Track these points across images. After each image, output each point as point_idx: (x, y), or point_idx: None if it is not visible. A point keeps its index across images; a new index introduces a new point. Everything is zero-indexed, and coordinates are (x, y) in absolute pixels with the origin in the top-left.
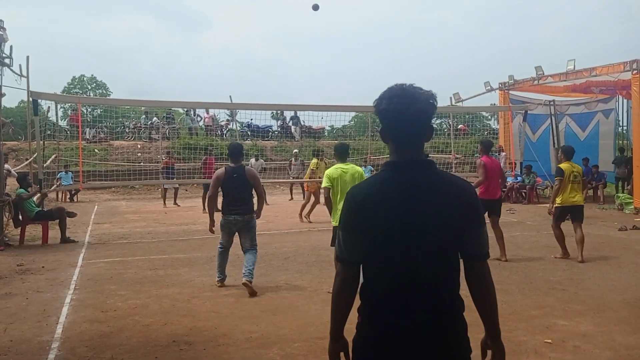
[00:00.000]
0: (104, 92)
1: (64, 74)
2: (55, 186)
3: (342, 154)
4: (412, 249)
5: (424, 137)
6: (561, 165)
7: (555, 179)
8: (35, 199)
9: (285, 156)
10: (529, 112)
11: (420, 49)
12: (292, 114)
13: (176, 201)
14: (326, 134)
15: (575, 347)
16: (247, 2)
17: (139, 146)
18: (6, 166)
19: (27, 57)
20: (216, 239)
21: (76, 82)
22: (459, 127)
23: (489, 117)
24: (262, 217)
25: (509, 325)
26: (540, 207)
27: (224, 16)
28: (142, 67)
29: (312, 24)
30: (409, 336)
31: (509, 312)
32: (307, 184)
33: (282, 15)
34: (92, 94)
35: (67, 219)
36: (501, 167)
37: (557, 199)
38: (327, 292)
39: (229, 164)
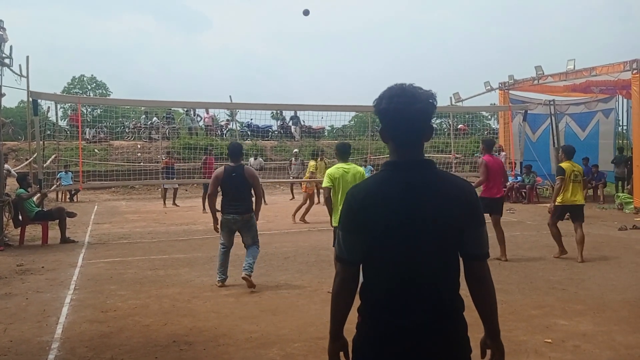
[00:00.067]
0: (104, 92)
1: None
2: (55, 186)
3: (344, 154)
4: (412, 248)
5: (424, 136)
6: (562, 164)
7: (556, 178)
8: (35, 199)
9: (285, 156)
10: (529, 111)
11: (420, 49)
12: (292, 113)
13: (175, 201)
14: (326, 134)
15: (575, 347)
16: (247, 2)
17: (139, 146)
18: (6, 166)
19: (27, 57)
20: (216, 239)
21: (76, 82)
22: (459, 126)
23: (489, 117)
24: (262, 217)
25: (508, 324)
26: (540, 206)
27: (224, 16)
28: (142, 67)
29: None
30: (408, 336)
31: (508, 311)
32: (304, 185)
33: (282, 15)
34: (92, 94)
35: (67, 219)
36: (503, 166)
37: (557, 198)
38: (327, 292)
39: (229, 163)
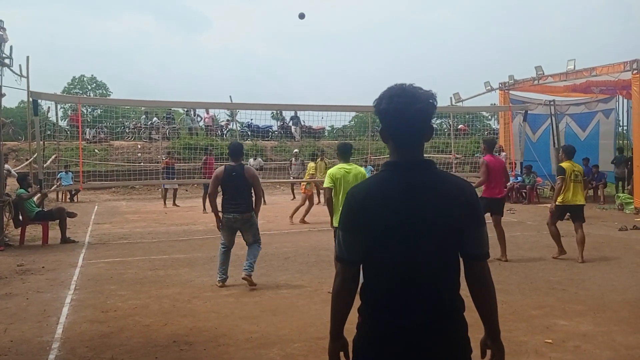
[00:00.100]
0: (104, 92)
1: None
2: (55, 186)
3: (345, 154)
4: (412, 248)
5: (424, 137)
6: (562, 164)
7: (557, 178)
8: (35, 199)
9: (285, 156)
10: (529, 112)
11: (420, 49)
12: (292, 114)
13: (175, 202)
14: (326, 134)
15: (575, 347)
16: (247, 2)
17: (139, 146)
18: (6, 166)
19: (27, 57)
20: (216, 240)
21: (76, 83)
22: (459, 127)
23: (489, 117)
24: (262, 218)
25: (509, 325)
26: (540, 207)
27: (224, 16)
28: (142, 67)
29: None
30: (409, 336)
31: (509, 312)
32: (303, 187)
33: (282, 15)
34: (92, 94)
35: (67, 219)
36: (505, 166)
37: (558, 198)
38: (327, 292)
39: (230, 162)
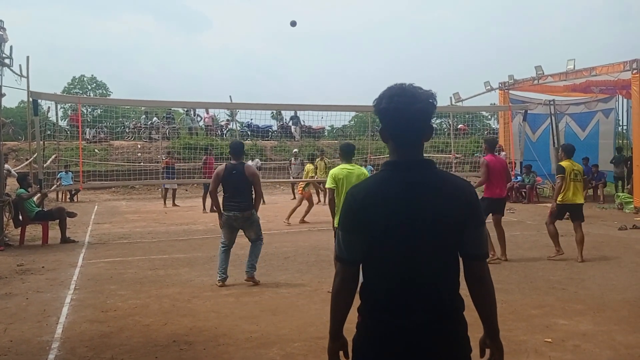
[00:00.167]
0: (104, 92)
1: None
2: (55, 186)
3: (348, 154)
4: (411, 248)
5: (424, 136)
6: (562, 163)
7: (556, 177)
8: (35, 199)
9: (285, 156)
10: (529, 111)
11: (420, 49)
12: (292, 113)
13: (175, 202)
14: (326, 134)
15: (575, 347)
16: (247, 2)
17: (139, 146)
18: (6, 166)
19: (27, 57)
20: (216, 239)
21: (76, 82)
22: (459, 126)
23: (489, 116)
24: (263, 217)
25: (508, 324)
26: (540, 206)
27: (224, 16)
28: (142, 67)
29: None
30: (408, 336)
31: (508, 311)
32: (300, 189)
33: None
34: (92, 94)
35: (67, 219)
36: (506, 165)
37: (558, 197)
38: (327, 291)
39: (231, 161)
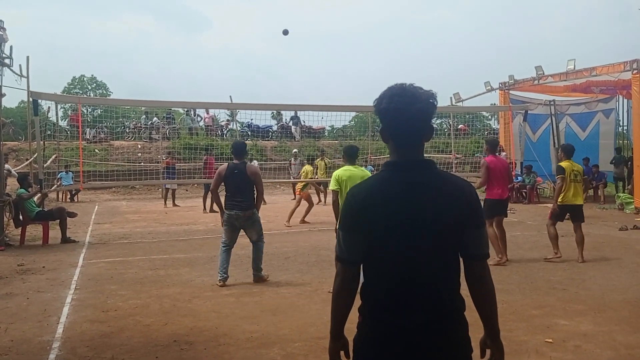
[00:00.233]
0: (104, 92)
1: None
2: (55, 186)
3: (352, 156)
4: (412, 248)
5: (424, 136)
6: (561, 163)
7: (557, 177)
8: (35, 199)
9: (285, 156)
10: (529, 112)
11: (420, 49)
12: (292, 114)
13: (175, 202)
14: (326, 134)
15: (576, 347)
16: (247, 2)
17: (139, 146)
18: (6, 166)
19: (27, 57)
20: (216, 239)
21: (76, 82)
22: (459, 127)
23: (489, 117)
24: (263, 218)
25: (509, 325)
26: (540, 206)
27: (224, 16)
28: (142, 67)
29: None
30: (409, 336)
31: (509, 311)
32: (298, 190)
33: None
34: (92, 94)
35: (68, 219)
36: (508, 166)
37: (559, 198)
38: (328, 291)
39: (233, 161)
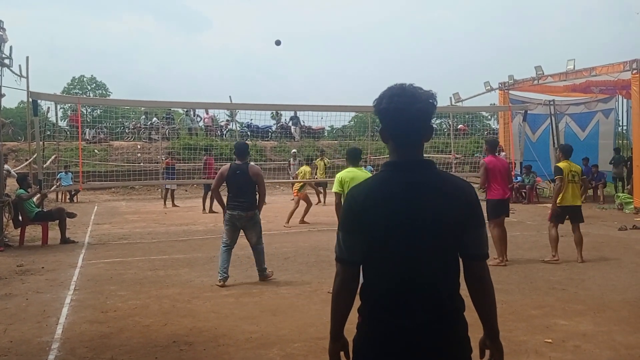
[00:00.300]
0: (104, 92)
1: (64, 74)
2: (55, 187)
3: (355, 159)
4: (412, 248)
5: (424, 136)
6: (559, 164)
7: (555, 178)
8: (35, 199)
9: (285, 156)
10: (528, 112)
11: (420, 49)
12: (292, 114)
13: (174, 202)
14: (326, 134)
15: (575, 347)
16: (247, 2)
17: (139, 147)
18: (6, 167)
19: (27, 57)
20: (216, 240)
21: (76, 83)
22: (459, 127)
23: (489, 117)
24: (263, 218)
25: (509, 325)
26: (540, 207)
27: (224, 16)
28: (142, 67)
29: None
30: (409, 336)
31: (509, 312)
32: (295, 191)
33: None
34: (91, 95)
35: (67, 219)
36: (508, 166)
37: (557, 199)
38: (327, 292)
39: (235, 161)
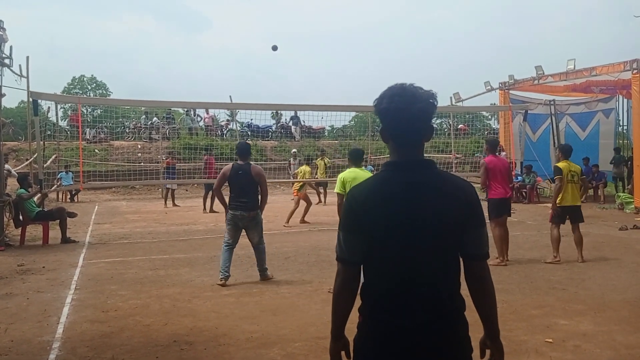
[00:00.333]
0: (104, 92)
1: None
2: (55, 186)
3: (358, 159)
4: (412, 248)
5: (424, 136)
6: (558, 164)
7: (554, 178)
8: (35, 199)
9: (285, 156)
10: (529, 111)
11: (420, 49)
12: (292, 113)
13: (175, 202)
14: (326, 134)
15: (575, 347)
16: (247, 2)
17: (139, 146)
18: (6, 166)
19: (27, 57)
20: (216, 239)
21: (76, 83)
22: (459, 127)
23: (489, 116)
24: (263, 218)
25: (509, 324)
26: (540, 206)
27: (224, 16)
28: (142, 67)
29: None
30: (409, 336)
31: (509, 311)
32: (295, 191)
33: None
34: (92, 94)
35: (68, 219)
36: (509, 166)
37: (557, 199)
38: (328, 291)
39: (237, 161)
